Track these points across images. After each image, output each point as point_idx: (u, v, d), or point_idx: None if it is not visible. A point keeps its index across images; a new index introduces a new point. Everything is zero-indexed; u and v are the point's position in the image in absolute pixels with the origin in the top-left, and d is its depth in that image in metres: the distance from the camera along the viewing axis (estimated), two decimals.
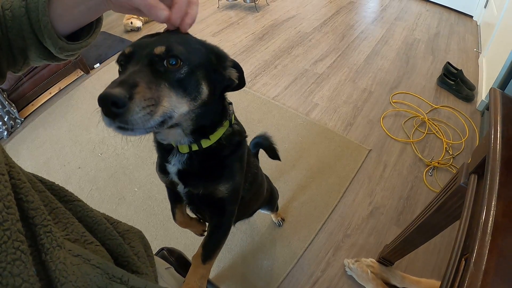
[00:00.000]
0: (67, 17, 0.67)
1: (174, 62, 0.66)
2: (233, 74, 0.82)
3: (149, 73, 0.64)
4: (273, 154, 1.81)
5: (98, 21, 0.76)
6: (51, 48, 0.67)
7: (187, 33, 0.73)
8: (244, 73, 0.84)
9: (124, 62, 0.70)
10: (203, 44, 0.76)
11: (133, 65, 0.66)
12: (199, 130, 0.82)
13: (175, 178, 0.95)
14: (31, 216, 0.47)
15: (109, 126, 0.59)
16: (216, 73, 0.77)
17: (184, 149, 0.86)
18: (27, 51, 0.69)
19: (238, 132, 0.95)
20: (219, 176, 0.94)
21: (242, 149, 0.98)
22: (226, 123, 0.89)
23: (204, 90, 0.73)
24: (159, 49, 0.65)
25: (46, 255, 0.46)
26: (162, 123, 0.64)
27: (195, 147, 0.85)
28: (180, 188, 0.98)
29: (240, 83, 0.85)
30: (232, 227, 2.04)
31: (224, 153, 0.91)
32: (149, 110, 0.59)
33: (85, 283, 0.49)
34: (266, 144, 1.77)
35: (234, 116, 0.95)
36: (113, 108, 0.56)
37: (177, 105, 0.67)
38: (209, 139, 0.85)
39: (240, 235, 2.12)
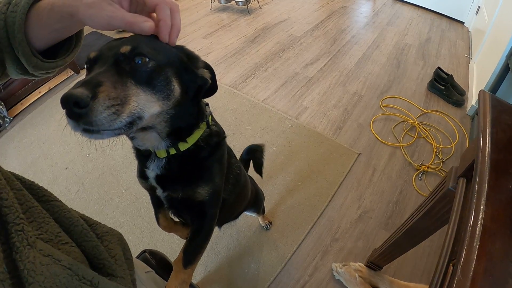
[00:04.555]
0: (44, 34, 0.66)
1: (139, 61, 0.64)
2: (206, 73, 0.80)
3: (114, 72, 0.62)
4: (258, 168, 1.90)
5: (78, 40, 0.75)
6: (25, 65, 0.66)
7: (155, 36, 0.71)
8: (235, 76, 0.83)
9: (90, 65, 0.68)
10: (170, 45, 0.74)
11: (99, 66, 0.64)
12: (175, 132, 0.80)
13: (154, 183, 0.94)
14: (4, 214, 0.47)
15: (75, 129, 0.57)
16: (188, 72, 0.75)
17: (162, 154, 0.84)
18: (5, 63, 0.67)
19: (216, 133, 0.93)
20: (198, 178, 0.92)
21: (221, 150, 0.97)
22: (203, 125, 0.88)
23: (176, 88, 0.71)
24: (125, 48, 0.64)
25: (16, 254, 0.46)
26: (130, 124, 0.62)
27: (172, 151, 0.84)
28: (159, 192, 0.96)
29: (213, 87, 0.84)
30: (218, 230, 2.04)
31: (202, 155, 0.90)
32: (115, 109, 0.57)
33: (53, 284, 0.49)
34: (257, 155, 1.86)
35: (212, 117, 0.94)
36: (75, 108, 0.54)
37: (146, 104, 0.65)
38: (187, 141, 0.84)
39: (227, 238, 2.09)
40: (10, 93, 3.02)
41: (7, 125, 3.00)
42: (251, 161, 1.92)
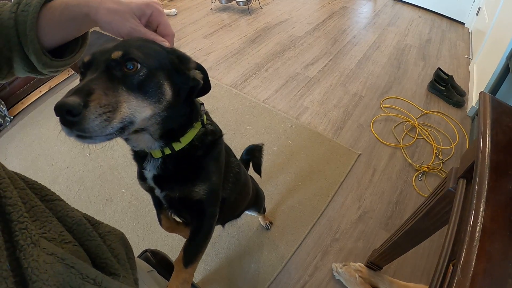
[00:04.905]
0: (54, 33, 0.68)
1: (131, 67, 0.66)
2: (198, 74, 0.81)
3: (106, 79, 0.64)
4: (257, 167, 1.91)
5: (84, 40, 0.78)
6: (35, 63, 0.68)
7: (148, 39, 0.73)
8: (235, 76, 0.83)
9: (83, 70, 0.69)
10: (163, 47, 0.75)
11: (91, 72, 0.66)
12: (168, 133, 0.82)
13: (152, 183, 0.94)
14: (8, 212, 0.47)
15: (68, 135, 0.59)
16: (179, 74, 0.76)
17: (157, 154, 0.85)
18: (12, 61, 0.69)
19: (211, 132, 0.94)
20: (195, 177, 0.93)
21: (217, 149, 0.98)
22: (198, 124, 0.88)
23: (167, 91, 0.72)
24: (116, 54, 0.65)
25: (20, 252, 0.46)
26: (122, 129, 0.63)
27: (167, 151, 0.84)
28: (158, 192, 0.97)
29: (206, 87, 0.85)
30: (220, 229, 2.04)
31: (198, 154, 0.91)
32: (106, 116, 0.58)
33: (57, 282, 0.49)
34: (256, 155, 1.87)
35: (207, 116, 0.95)
36: (68, 117, 0.55)
37: (138, 109, 0.66)
38: (180, 141, 0.84)
39: (227, 238, 2.10)
40: (11, 92, 3.02)
41: (7, 124, 3.00)
42: (251, 161, 1.92)
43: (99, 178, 2.52)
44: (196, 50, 4.02)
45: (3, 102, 2.93)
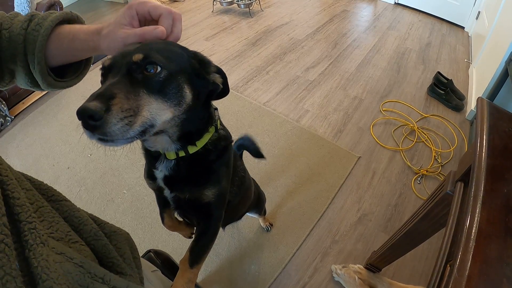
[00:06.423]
0: (60, 57, 0.71)
1: (152, 70, 0.66)
2: (217, 78, 0.82)
3: (127, 82, 0.64)
4: (256, 153, 1.73)
5: (87, 63, 0.80)
6: (39, 82, 0.69)
7: (169, 41, 0.74)
8: (236, 78, 0.84)
9: (105, 73, 0.70)
10: (185, 50, 0.76)
11: (113, 76, 0.66)
12: (186, 136, 0.82)
13: (162, 184, 0.95)
14: (16, 213, 0.47)
15: (90, 138, 0.60)
16: (199, 78, 0.77)
17: (171, 156, 0.86)
18: (16, 73, 0.71)
19: (224, 137, 0.95)
20: (206, 181, 0.94)
21: (228, 154, 0.99)
22: (212, 129, 0.89)
23: (188, 94, 0.73)
24: (137, 57, 0.66)
25: (29, 251, 0.46)
26: (143, 132, 0.64)
27: (182, 153, 0.85)
28: (167, 193, 0.98)
29: (225, 90, 0.85)
30: (221, 230, 2.04)
31: (210, 158, 0.91)
32: (127, 121, 0.59)
33: (67, 281, 0.49)
34: (248, 144, 1.71)
35: (220, 121, 0.95)
36: (90, 121, 0.56)
37: (158, 113, 0.67)
38: (196, 145, 0.85)
39: (228, 239, 2.11)
40: (12, 92, 3.02)
41: (8, 124, 3.01)
42: (249, 152, 1.74)
43: (100, 178, 2.53)
44: None
45: (4, 102, 2.93)
